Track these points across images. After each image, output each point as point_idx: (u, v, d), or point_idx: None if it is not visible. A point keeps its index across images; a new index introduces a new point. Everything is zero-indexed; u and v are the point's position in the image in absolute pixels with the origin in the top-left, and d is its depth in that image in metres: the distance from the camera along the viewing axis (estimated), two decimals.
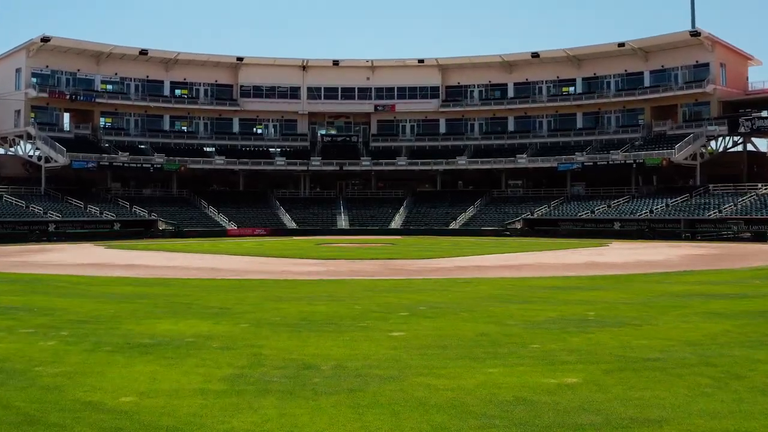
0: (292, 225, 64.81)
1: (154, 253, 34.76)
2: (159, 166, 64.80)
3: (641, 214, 55.49)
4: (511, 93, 73.02)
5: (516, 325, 11.12)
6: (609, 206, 59.35)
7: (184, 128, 73.46)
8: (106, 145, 66.56)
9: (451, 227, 62.72)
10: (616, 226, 55.47)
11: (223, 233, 59.63)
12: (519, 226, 59.86)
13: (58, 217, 54.22)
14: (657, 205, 56.60)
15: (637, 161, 60.26)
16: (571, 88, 71.23)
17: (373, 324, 11.22)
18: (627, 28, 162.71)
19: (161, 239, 54.18)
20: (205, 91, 73.35)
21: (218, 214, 64.15)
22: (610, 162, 61.86)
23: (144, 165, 64.72)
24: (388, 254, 32.29)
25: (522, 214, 61.58)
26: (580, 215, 58.82)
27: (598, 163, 62.64)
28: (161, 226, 58.63)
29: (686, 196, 56.44)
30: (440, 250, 35.32)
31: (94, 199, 61.49)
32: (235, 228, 61.33)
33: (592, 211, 58.68)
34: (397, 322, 11.46)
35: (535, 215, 61.20)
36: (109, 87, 69.70)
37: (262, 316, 12.14)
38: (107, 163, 62.77)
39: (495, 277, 20.77)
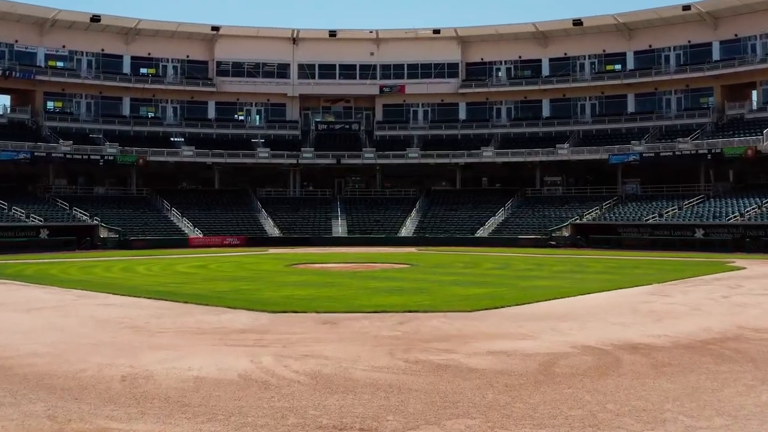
0: (275, 232, 51.78)
1: (14, 286, 21.02)
2: (111, 158, 52.38)
3: (731, 219, 42.36)
4: (546, 71, 60.58)
5: None
6: (680, 208, 46.39)
7: (150, 114, 60.75)
8: (48, 132, 54.00)
9: (478, 235, 49.65)
10: (699, 233, 42.15)
11: (184, 243, 46.62)
12: (567, 234, 46.84)
13: None
14: (745, 206, 43.78)
15: (713, 151, 48.09)
16: (619, 65, 59.09)
17: None
18: None
19: (94, 251, 40.84)
20: (174, 68, 60.79)
21: (182, 218, 51.18)
22: (677, 152, 49.60)
23: (92, 157, 52.17)
24: (404, 294, 17.61)
25: (568, 219, 48.53)
26: (647, 220, 45.64)
27: (662, 154, 50.29)
28: (103, 234, 45.62)
29: None
30: (492, 281, 21.05)
31: (27, 199, 48.92)
32: (201, 236, 48.45)
33: (660, 215, 45.60)
34: None
35: (585, 220, 48.15)
36: (60, 63, 57.20)
37: None
38: (44, 154, 50.37)
39: None
